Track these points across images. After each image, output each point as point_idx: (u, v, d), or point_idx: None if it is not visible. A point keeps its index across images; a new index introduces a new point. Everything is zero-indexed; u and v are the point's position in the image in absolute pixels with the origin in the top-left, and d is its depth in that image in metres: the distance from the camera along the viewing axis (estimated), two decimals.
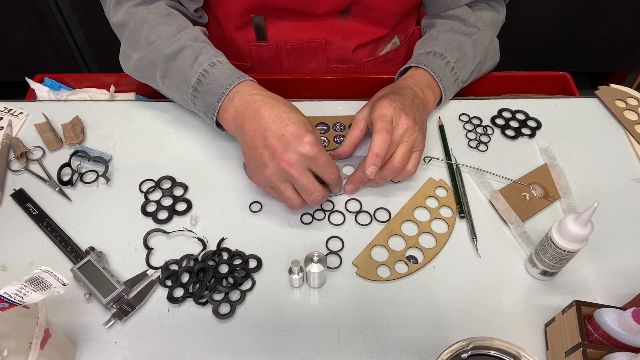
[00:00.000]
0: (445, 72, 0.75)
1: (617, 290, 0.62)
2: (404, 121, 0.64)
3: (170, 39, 0.69)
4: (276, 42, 0.84)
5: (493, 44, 0.81)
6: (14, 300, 0.45)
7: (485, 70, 0.83)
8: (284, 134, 0.59)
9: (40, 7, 1.44)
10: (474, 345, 0.47)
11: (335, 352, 0.57)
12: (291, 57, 0.87)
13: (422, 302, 0.61)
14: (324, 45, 0.85)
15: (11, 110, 0.79)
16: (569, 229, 0.55)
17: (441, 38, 0.77)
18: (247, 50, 0.86)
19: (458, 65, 0.76)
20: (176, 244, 0.65)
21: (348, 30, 0.84)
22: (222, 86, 0.65)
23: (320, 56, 0.87)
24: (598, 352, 0.50)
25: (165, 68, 0.69)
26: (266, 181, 0.62)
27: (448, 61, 0.75)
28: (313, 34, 0.83)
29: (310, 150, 0.59)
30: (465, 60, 0.77)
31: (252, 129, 0.61)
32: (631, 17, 1.56)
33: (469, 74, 0.78)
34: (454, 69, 0.75)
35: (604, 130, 0.79)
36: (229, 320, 0.59)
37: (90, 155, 0.73)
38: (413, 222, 0.67)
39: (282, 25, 0.82)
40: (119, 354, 0.56)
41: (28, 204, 0.68)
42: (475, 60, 0.78)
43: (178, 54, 0.68)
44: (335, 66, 0.89)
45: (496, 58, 0.84)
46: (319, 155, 0.59)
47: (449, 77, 0.75)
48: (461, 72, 0.76)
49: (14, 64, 1.63)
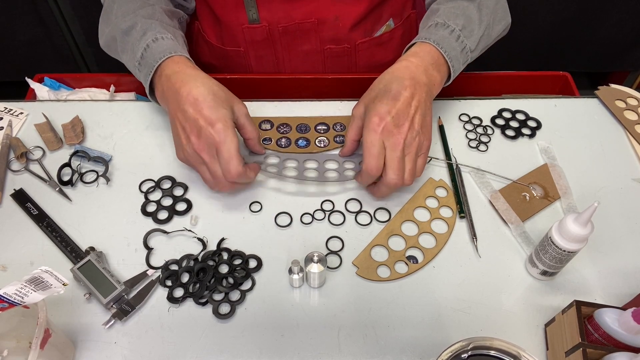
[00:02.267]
0: (450, 42, 0.69)
1: (617, 290, 0.62)
2: (395, 140, 0.62)
3: (128, 15, 0.72)
4: (268, 23, 0.83)
5: (500, 3, 0.76)
6: (14, 300, 0.45)
7: (496, 35, 0.77)
8: (197, 118, 0.61)
9: (40, 7, 1.44)
10: (474, 345, 0.47)
11: (335, 352, 0.57)
12: (284, 39, 0.86)
13: (422, 302, 0.61)
14: (316, 26, 0.83)
15: (11, 110, 0.79)
16: (569, 229, 0.55)
17: (442, 9, 0.73)
18: (240, 33, 0.85)
19: (464, 33, 0.70)
20: (176, 244, 0.65)
21: (339, 7, 0.82)
22: (154, 60, 0.67)
23: (313, 37, 0.86)
24: (598, 352, 0.50)
25: (122, 42, 0.72)
26: (186, 161, 0.66)
27: (452, 30, 0.70)
28: (305, 13, 0.82)
29: (216, 138, 0.60)
30: (472, 27, 0.72)
31: (173, 110, 0.64)
32: (631, 17, 1.56)
33: (477, 41, 0.72)
34: (460, 37, 0.70)
35: (604, 130, 0.79)
36: (229, 320, 0.59)
37: (90, 155, 0.73)
38: (413, 222, 0.67)
39: (273, 5, 0.81)
40: (119, 354, 0.56)
41: (28, 204, 0.68)
42: (482, 24, 0.73)
43: (131, 29, 0.71)
44: (329, 47, 0.87)
45: (506, 19, 0.78)
46: (221, 146, 0.60)
47: (455, 47, 0.70)
48: (468, 40, 0.71)
49: (14, 64, 1.63)
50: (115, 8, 0.74)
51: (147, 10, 0.73)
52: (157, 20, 0.72)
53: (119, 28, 0.72)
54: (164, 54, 0.67)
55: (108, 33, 0.75)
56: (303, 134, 0.77)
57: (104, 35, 0.76)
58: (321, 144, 0.76)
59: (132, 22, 0.71)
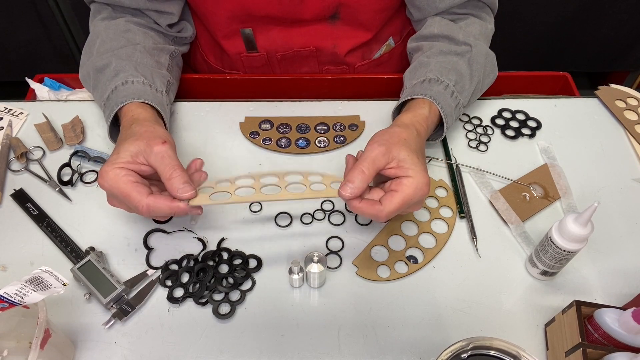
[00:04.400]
0: (445, 98, 0.67)
1: (617, 290, 0.62)
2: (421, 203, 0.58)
3: (107, 53, 0.70)
4: (266, 51, 0.83)
5: (489, 58, 0.74)
6: (14, 300, 0.45)
7: (484, 88, 0.77)
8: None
9: (40, 7, 1.44)
10: (474, 345, 0.48)
11: (335, 352, 0.57)
12: (282, 64, 0.86)
13: (422, 302, 0.61)
14: (314, 52, 0.84)
15: (11, 110, 0.79)
16: (569, 229, 0.55)
17: (433, 63, 0.70)
18: (239, 60, 0.86)
19: (457, 89, 0.69)
20: (176, 244, 0.65)
21: (338, 36, 0.82)
22: (116, 103, 0.65)
23: (312, 62, 0.86)
24: (598, 352, 0.50)
25: (95, 80, 0.70)
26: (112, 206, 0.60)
27: (447, 85, 0.68)
28: (303, 42, 0.82)
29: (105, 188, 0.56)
30: (463, 83, 0.70)
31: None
32: (631, 17, 1.55)
33: (468, 97, 0.71)
34: (454, 93, 0.68)
35: (604, 130, 0.79)
36: (229, 320, 0.59)
37: (91, 155, 0.73)
38: (413, 222, 0.67)
39: (271, 34, 0.81)
40: (119, 354, 0.56)
41: (28, 204, 0.68)
42: (474, 80, 0.71)
43: (105, 68, 0.69)
44: (327, 68, 0.88)
45: (494, 73, 0.77)
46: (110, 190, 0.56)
47: (450, 103, 0.68)
48: (461, 95, 0.69)
49: (14, 64, 1.63)
50: (98, 43, 0.72)
51: (127, 51, 0.70)
52: (133, 61, 0.69)
53: (94, 65, 0.70)
54: (124, 99, 0.65)
55: (86, 67, 0.73)
56: (303, 134, 0.77)
57: (83, 67, 0.74)
58: (321, 144, 0.76)
59: (107, 61, 0.69)
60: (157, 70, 0.72)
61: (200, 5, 0.78)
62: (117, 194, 0.56)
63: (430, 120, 0.65)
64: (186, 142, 0.76)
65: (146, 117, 0.63)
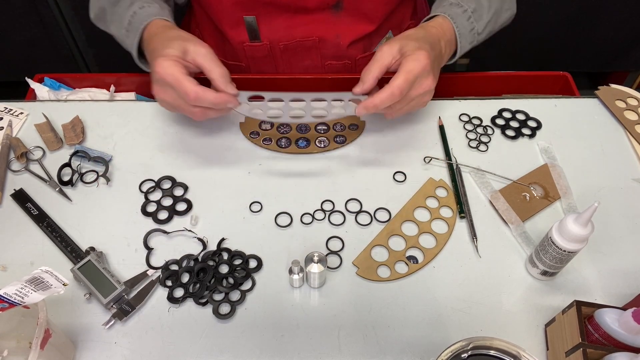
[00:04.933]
0: (462, 21, 0.74)
1: (617, 290, 0.62)
2: (427, 83, 0.65)
3: None
4: (269, 41, 0.84)
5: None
6: (14, 300, 0.45)
7: (501, 22, 0.81)
8: (153, 65, 0.64)
9: (40, 7, 1.44)
10: (474, 345, 0.48)
11: (335, 352, 0.57)
12: (285, 55, 0.86)
13: (422, 302, 0.61)
14: (317, 43, 0.84)
15: (11, 110, 0.79)
16: (569, 229, 0.55)
17: None
18: (242, 50, 0.86)
19: (474, 16, 0.74)
20: (176, 244, 0.65)
21: (341, 26, 0.83)
22: (140, 23, 0.71)
23: (314, 54, 0.86)
24: (598, 352, 0.50)
25: (111, 13, 0.76)
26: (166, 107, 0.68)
27: (465, 10, 0.74)
28: (306, 32, 0.83)
29: (159, 70, 0.62)
30: (481, 12, 0.75)
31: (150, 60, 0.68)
32: (631, 17, 1.55)
33: (484, 25, 0.76)
34: (470, 18, 0.74)
35: (604, 130, 0.79)
36: (229, 320, 0.59)
37: (91, 155, 0.73)
38: (413, 222, 0.67)
39: (274, 23, 0.81)
40: (119, 354, 0.56)
41: (28, 204, 0.68)
42: (491, 10, 0.76)
43: (119, 1, 0.74)
44: (329, 63, 0.88)
45: (512, 9, 0.81)
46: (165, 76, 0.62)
47: (466, 25, 0.74)
48: (477, 23, 0.75)
49: (14, 64, 1.63)
50: None
51: None
52: None
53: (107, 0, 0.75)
54: (148, 18, 0.71)
55: (97, 5, 0.78)
56: (303, 134, 0.77)
57: (94, 8, 0.79)
58: (321, 144, 0.76)
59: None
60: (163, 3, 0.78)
61: None
62: (171, 81, 0.62)
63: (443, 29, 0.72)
64: (186, 141, 0.76)
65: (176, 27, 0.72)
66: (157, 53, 0.64)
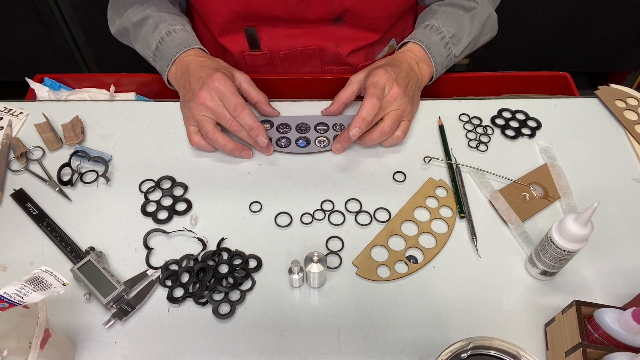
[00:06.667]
0: (438, 48, 0.77)
1: (617, 290, 0.62)
2: (395, 91, 0.69)
3: (138, 8, 0.80)
4: (270, 50, 0.84)
5: (491, 19, 0.82)
6: (14, 300, 0.45)
7: (480, 45, 0.84)
8: (201, 76, 0.69)
9: (40, 7, 1.44)
10: (474, 345, 0.48)
11: (335, 352, 0.57)
12: (285, 64, 0.87)
13: (422, 302, 0.61)
14: (318, 52, 0.85)
15: (11, 110, 0.79)
16: (569, 229, 0.55)
17: (440, 11, 0.79)
18: (242, 59, 0.86)
19: (452, 41, 0.78)
20: (176, 244, 0.65)
21: (341, 37, 0.83)
22: (171, 53, 0.75)
23: (315, 61, 0.87)
24: (598, 352, 0.50)
25: (134, 33, 0.80)
26: (192, 118, 0.71)
27: (443, 36, 0.77)
28: (306, 41, 0.83)
29: (216, 83, 0.67)
30: (461, 35, 0.78)
31: (183, 80, 0.73)
32: (631, 17, 1.55)
33: (462, 49, 0.80)
34: (448, 44, 0.77)
35: (604, 130, 0.79)
36: (229, 320, 0.59)
37: (90, 155, 0.73)
38: (413, 222, 0.67)
39: (274, 33, 0.82)
40: (119, 354, 0.56)
41: (28, 204, 0.68)
42: (471, 35, 0.79)
43: (143, 22, 0.78)
44: (330, 68, 0.88)
45: (493, 32, 0.84)
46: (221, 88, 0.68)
47: (442, 53, 0.77)
48: (455, 47, 0.78)
49: (14, 64, 1.63)
50: (123, 0, 0.81)
51: (155, 3, 0.80)
52: (165, 12, 0.79)
53: (130, 21, 0.79)
54: (180, 48, 0.75)
55: (119, 24, 0.82)
56: (303, 134, 0.77)
57: (114, 25, 0.84)
58: (321, 144, 0.76)
59: (143, 15, 0.78)
60: (182, 17, 0.82)
61: (204, 4, 0.78)
62: (224, 92, 0.68)
63: (413, 51, 0.76)
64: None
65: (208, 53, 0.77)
66: (209, 69, 0.69)
